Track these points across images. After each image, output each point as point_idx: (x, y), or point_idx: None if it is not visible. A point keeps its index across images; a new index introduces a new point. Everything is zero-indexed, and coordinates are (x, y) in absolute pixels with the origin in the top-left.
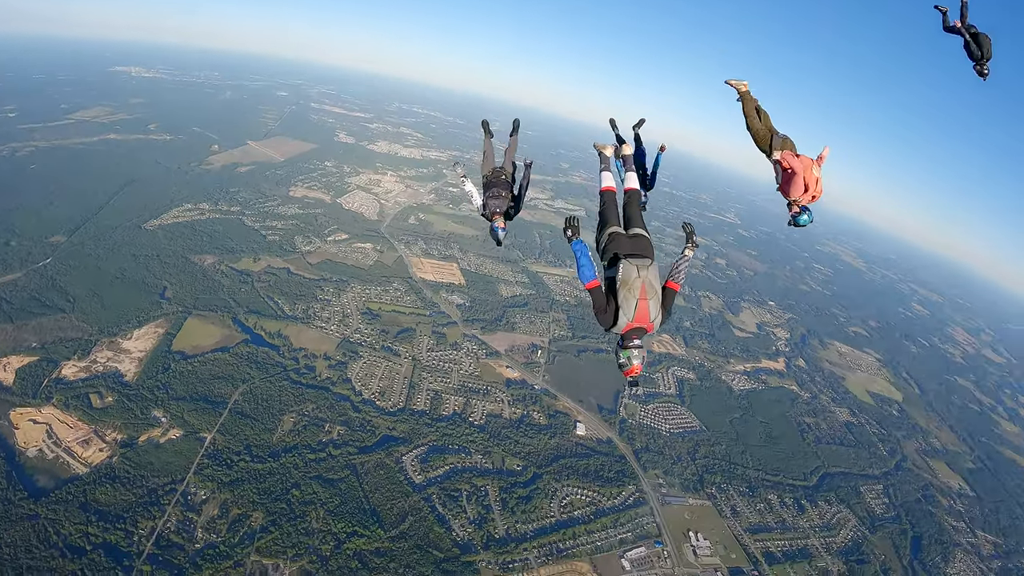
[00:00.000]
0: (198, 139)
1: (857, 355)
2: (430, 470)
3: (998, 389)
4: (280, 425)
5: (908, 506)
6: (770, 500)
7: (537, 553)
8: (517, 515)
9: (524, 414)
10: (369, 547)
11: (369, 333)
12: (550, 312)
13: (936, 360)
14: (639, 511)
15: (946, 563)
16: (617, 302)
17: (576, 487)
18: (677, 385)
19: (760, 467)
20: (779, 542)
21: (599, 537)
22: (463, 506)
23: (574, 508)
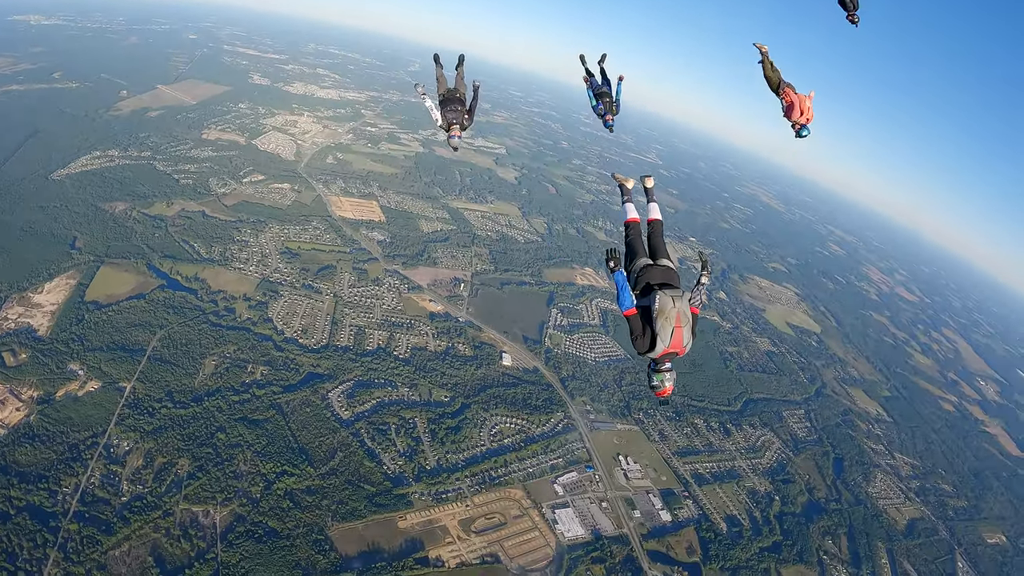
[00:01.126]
0: (105, 86)
1: (777, 289)
2: (357, 405)
3: (912, 325)
4: (201, 369)
5: (829, 430)
6: (696, 424)
7: (470, 482)
8: (447, 446)
9: (449, 346)
10: (300, 486)
11: (289, 272)
12: (472, 247)
13: (852, 296)
14: (568, 437)
15: (867, 482)
16: (654, 329)
17: (505, 416)
18: (601, 316)
19: (685, 393)
20: (707, 464)
21: (531, 464)
22: (392, 439)
23: (504, 436)
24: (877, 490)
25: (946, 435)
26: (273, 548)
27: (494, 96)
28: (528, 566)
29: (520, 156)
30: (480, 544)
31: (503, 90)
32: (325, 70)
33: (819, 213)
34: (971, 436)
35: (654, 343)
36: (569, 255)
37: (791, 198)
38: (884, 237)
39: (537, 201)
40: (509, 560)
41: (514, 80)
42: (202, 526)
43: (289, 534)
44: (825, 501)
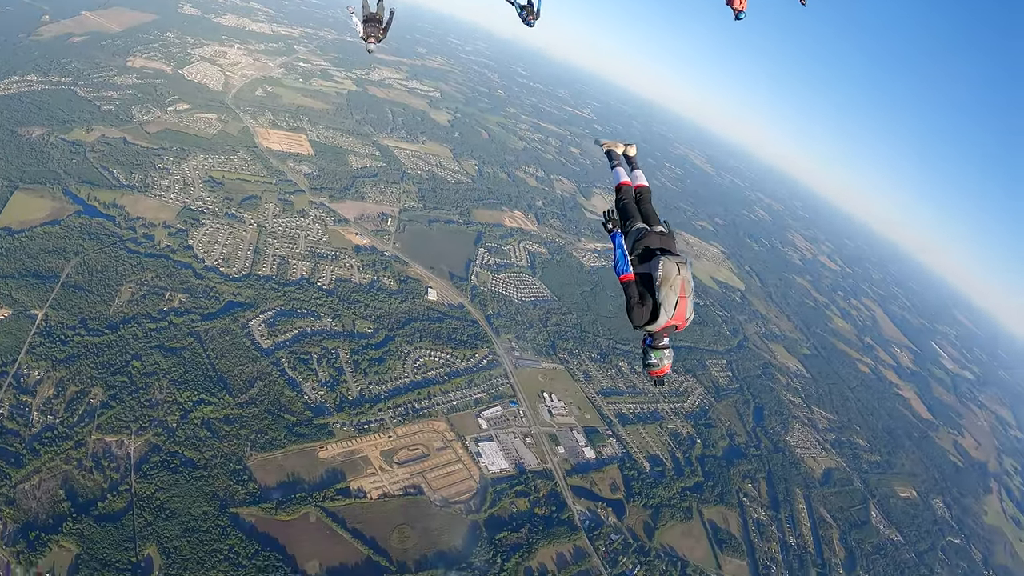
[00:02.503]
0: (26, 9)
1: (703, 246)
2: (278, 334)
3: (832, 291)
4: (117, 296)
5: (750, 380)
6: (620, 367)
7: (393, 413)
8: (370, 377)
9: (374, 279)
10: (217, 415)
11: (212, 201)
12: (401, 184)
13: (776, 259)
14: (493, 372)
15: (786, 432)
16: (655, 299)
17: (429, 349)
18: (528, 258)
19: (611, 336)
20: (631, 405)
21: (454, 397)
22: (314, 369)
23: (428, 369)
24: (795, 440)
25: (861, 394)
26: (190, 478)
27: (432, 42)
28: (452, 498)
29: (454, 100)
30: (403, 475)
31: (442, 37)
32: (259, 4)
33: (748, 179)
34: (885, 397)
35: (655, 314)
36: (499, 198)
37: (721, 163)
38: (810, 208)
39: (469, 144)
40: (432, 492)
41: (455, 29)
42: (116, 457)
43: (206, 464)
44: (745, 447)
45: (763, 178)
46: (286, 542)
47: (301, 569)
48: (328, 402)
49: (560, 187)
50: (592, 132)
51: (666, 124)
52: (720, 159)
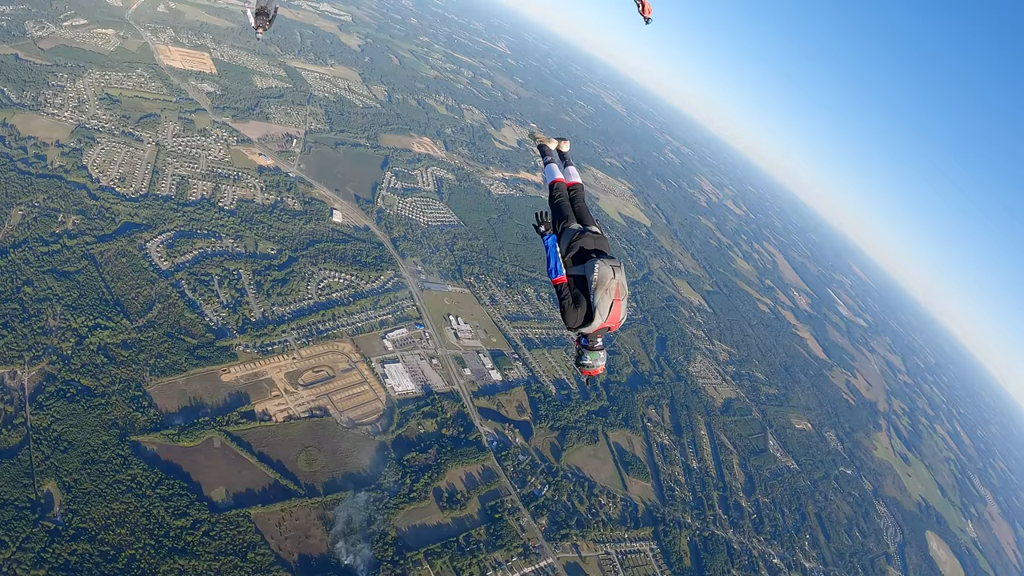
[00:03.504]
0: None
1: (611, 182)
2: (177, 256)
3: (736, 234)
4: (7, 220)
5: (654, 312)
6: (527, 293)
7: (297, 335)
8: (273, 298)
9: (278, 200)
10: (115, 340)
11: (108, 119)
12: (308, 106)
13: (683, 200)
14: (399, 295)
15: (688, 362)
16: (590, 301)
17: (334, 270)
18: (436, 183)
19: (517, 263)
20: (537, 331)
21: (360, 318)
22: (215, 290)
23: (333, 291)
24: (697, 370)
25: (761, 332)
26: (87, 407)
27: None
28: (358, 419)
29: (366, 26)
30: (308, 397)
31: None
32: None
33: (658, 123)
34: (783, 336)
35: (590, 317)
36: (408, 124)
37: (634, 106)
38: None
39: (379, 70)
40: (339, 413)
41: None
42: (8, 388)
43: (104, 392)
44: (649, 374)
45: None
46: (190, 469)
47: (207, 496)
48: (230, 324)
49: (470, 116)
50: (507, 68)
51: (582, 64)
52: (633, 102)
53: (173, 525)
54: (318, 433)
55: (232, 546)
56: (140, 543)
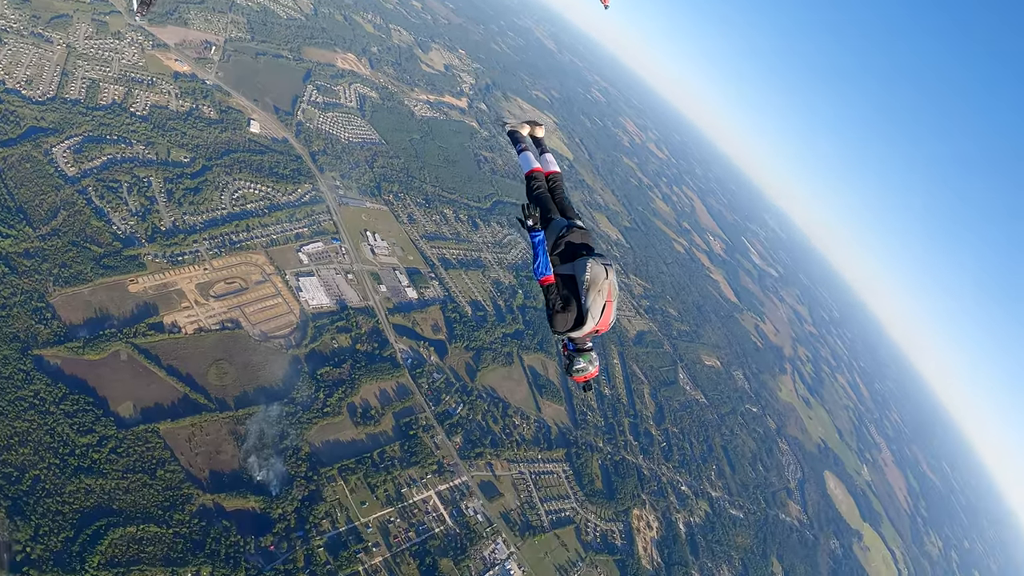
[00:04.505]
0: None
1: (537, 113)
2: (85, 161)
3: (656, 175)
4: None
5: None
6: (445, 214)
7: (209, 245)
8: (185, 207)
9: (193, 107)
10: (16, 248)
11: (16, 19)
12: (229, 14)
13: (607, 138)
14: (315, 208)
15: None
16: (580, 303)
17: (249, 181)
18: (359, 100)
19: (437, 184)
20: (454, 251)
21: (274, 231)
22: (124, 198)
23: (247, 202)
24: None
25: (675, 270)
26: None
27: None
28: (271, 332)
29: None
30: (220, 309)
31: None
32: None
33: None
34: (697, 277)
35: (581, 320)
36: (333, 39)
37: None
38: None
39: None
40: (251, 326)
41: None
42: None
43: (5, 303)
44: None
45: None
46: (96, 383)
47: (114, 412)
48: (139, 233)
49: (398, 37)
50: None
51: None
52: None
53: (79, 443)
54: (229, 346)
55: (140, 463)
56: (44, 463)
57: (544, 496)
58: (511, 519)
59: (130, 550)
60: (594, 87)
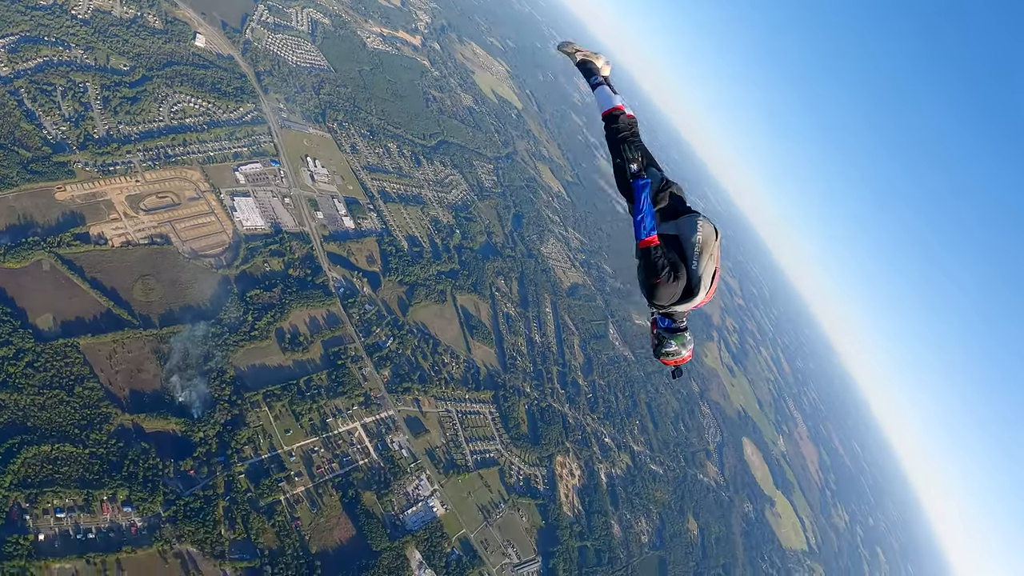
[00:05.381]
0: None
1: (490, 60)
2: (19, 62)
3: (602, 136)
4: None
5: (514, 189)
6: (389, 148)
7: (143, 157)
8: (121, 116)
9: (138, 15)
10: None
11: None
12: None
13: (558, 94)
14: (256, 129)
15: (541, 242)
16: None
17: (190, 95)
18: (311, 25)
19: (383, 118)
20: (395, 185)
21: (212, 147)
22: (57, 102)
23: (186, 116)
24: (549, 251)
25: (614, 229)
26: None
27: None
28: (202, 251)
29: None
30: (150, 223)
31: None
32: None
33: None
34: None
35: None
36: None
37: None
38: None
39: None
40: (181, 243)
41: None
42: None
43: None
44: (502, 246)
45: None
46: (15, 293)
47: (32, 324)
48: (70, 139)
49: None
50: None
51: None
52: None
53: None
54: (157, 262)
55: (58, 379)
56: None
57: (470, 436)
58: (436, 456)
59: (44, 470)
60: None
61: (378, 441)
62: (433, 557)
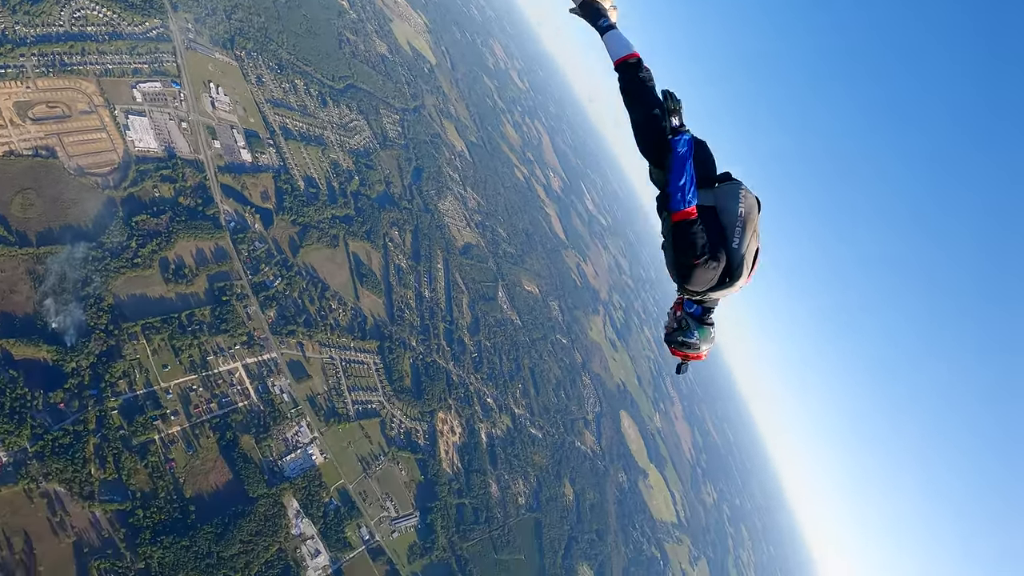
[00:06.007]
0: None
1: (409, 11)
2: None
3: (513, 103)
4: None
5: (417, 143)
6: (296, 84)
7: (37, 62)
8: (19, 15)
9: None
10: None
11: None
12: None
13: (473, 54)
14: (160, 47)
15: (439, 198)
16: (730, 248)
17: (95, 2)
18: None
19: (294, 53)
20: (298, 123)
21: (112, 60)
22: None
23: (88, 24)
24: (446, 208)
25: (512, 195)
26: None
27: None
28: (89, 168)
29: None
30: (36, 133)
31: None
32: None
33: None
34: (531, 206)
35: (731, 273)
36: None
37: None
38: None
39: None
40: (68, 157)
41: None
42: None
43: None
44: (399, 198)
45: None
46: None
47: None
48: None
49: None
50: None
51: None
52: None
53: None
54: (40, 176)
55: None
56: None
57: (352, 385)
58: (317, 403)
59: None
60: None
61: (259, 383)
62: (311, 507)
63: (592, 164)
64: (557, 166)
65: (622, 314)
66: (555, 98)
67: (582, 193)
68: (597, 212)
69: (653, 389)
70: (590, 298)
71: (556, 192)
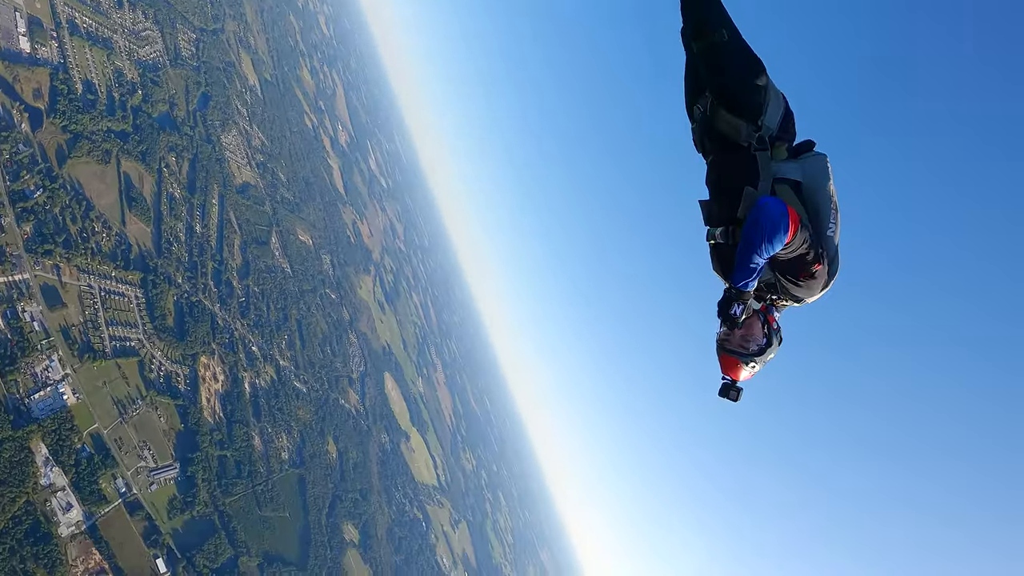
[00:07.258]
0: None
1: None
2: None
3: (313, 48)
4: None
5: (210, 68)
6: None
7: None
8: None
9: None
10: None
11: None
12: None
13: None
14: None
15: (223, 130)
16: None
17: None
18: None
19: None
20: (88, 20)
21: None
22: None
23: None
24: (228, 142)
25: (297, 140)
26: None
27: None
28: None
29: None
30: None
31: None
32: None
33: None
34: (315, 156)
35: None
36: None
37: None
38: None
39: None
40: None
41: None
42: None
43: None
44: (181, 122)
45: None
46: None
47: None
48: None
49: None
50: None
51: None
52: None
53: None
54: None
55: None
56: None
57: (111, 319)
58: (71, 336)
59: None
60: None
61: (8, 307)
62: (61, 453)
63: (382, 126)
64: (347, 121)
65: (392, 277)
66: (358, 52)
67: (367, 152)
68: (380, 173)
69: (418, 354)
70: (362, 257)
71: (342, 146)
